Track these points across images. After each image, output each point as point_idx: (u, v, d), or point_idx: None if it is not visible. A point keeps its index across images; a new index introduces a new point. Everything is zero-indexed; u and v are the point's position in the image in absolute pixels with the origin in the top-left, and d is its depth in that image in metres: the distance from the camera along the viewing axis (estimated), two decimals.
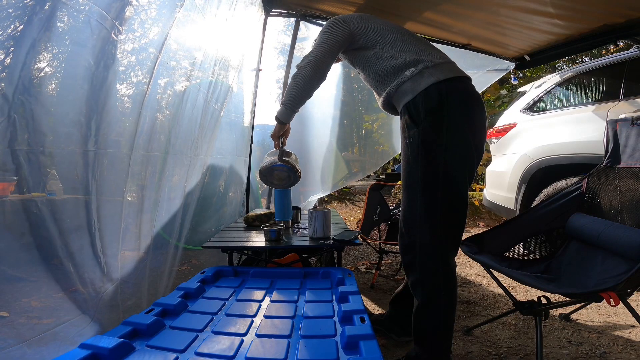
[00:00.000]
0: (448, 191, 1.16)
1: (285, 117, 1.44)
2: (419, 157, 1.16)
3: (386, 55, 1.26)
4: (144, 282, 1.23)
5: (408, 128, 1.19)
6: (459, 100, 1.17)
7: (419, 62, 1.20)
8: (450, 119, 1.15)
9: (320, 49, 1.30)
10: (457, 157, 1.17)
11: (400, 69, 1.22)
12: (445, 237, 1.18)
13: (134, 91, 1.15)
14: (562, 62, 7.76)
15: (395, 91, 1.23)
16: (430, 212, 1.16)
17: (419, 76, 1.18)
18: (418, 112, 1.17)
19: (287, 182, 1.67)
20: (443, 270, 1.18)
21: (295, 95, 1.35)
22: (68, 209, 0.89)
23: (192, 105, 1.52)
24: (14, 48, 0.73)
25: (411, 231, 1.19)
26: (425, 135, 1.15)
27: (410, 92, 1.18)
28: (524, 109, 2.92)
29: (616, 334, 1.55)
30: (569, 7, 1.82)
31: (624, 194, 1.50)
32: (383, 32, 1.30)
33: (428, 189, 1.16)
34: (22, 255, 0.78)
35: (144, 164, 1.21)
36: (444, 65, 1.22)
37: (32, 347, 0.74)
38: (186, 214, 1.60)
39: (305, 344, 0.81)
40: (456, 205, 1.19)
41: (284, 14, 2.41)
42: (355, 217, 5.04)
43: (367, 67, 1.33)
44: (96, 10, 0.88)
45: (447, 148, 1.14)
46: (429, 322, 1.19)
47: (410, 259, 1.21)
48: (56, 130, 0.87)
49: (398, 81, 1.21)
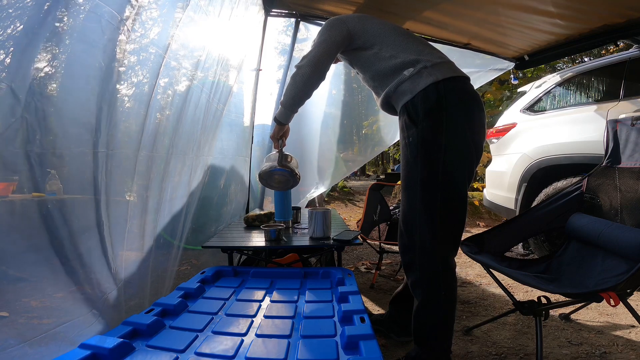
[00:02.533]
0: (447, 191, 1.16)
1: (284, 117, 1.43)
2: (418, 157, 1.16)
3: (384, 56, 1.25)
4: (147, 283, 1.23)
5: (407, 128, 1.19)
6: (457, 99, 1.17)
7: (418, 62, 1.20)
8: (449, 118, 1.14)
9: (319, 49, 1.29)
10: (457, 156, 1.17)
11: (399, 69, 1.22)
12: (445, 237, 1.18)
13: (140, 91, 1.15)
14: (562, 62, 7.75)
15: (394, 91, 1.23)
16: (430, 212, 1.16)
17: (418, 76, 1.18)
18: (417, 112, 1.16)
19: (287, 185, 1.66)
20: (443, 270, 1.17)
21: (294, 95, 1.34)
22: (77, 209, 0.90)
23: (195, 105, 1.52)
24: (25, 48, 0.73)
25: (411, 231, 1.19)
26: (424, 135, 1.15)
27: (409, 92, 1.18)
28: (524, 109, 2.92)
29: (616, 334, 1.55)
30: (569, 7, 1.82)
31: (624, 194, 1.50)
32: (381, 32, 1.29)
33: (427, 189, 1.16)
34: (23, 256, 0.78)
35: (149, 164, 1.21)
36: (442, 65, 1.21)
37: (33, 347, 0.74)
38: (188, 214, 1.61)
39: (305, 344, 0.81)
40: (456, 205, 1.19)
41: (284, 14, 2.41)
42: (355, 217, 5.04)
43: (366, 67, 1.33)
44: (107, 10, 0.89)
45: (446, 148, 1.14)
46: (429, 322, 1.19)
47: (410, 259, 1.21)
48: (66, 131, 0.87)
49: (397, 81, 1.21)
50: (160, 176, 1.32)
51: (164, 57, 1.19)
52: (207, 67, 1.59)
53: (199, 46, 1.48)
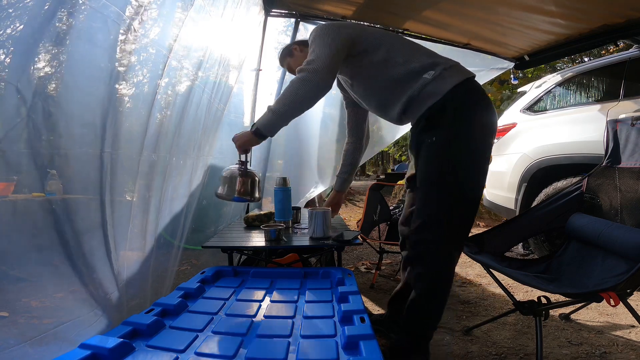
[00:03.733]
0: (465, 191, 1.18)
1: (269, 127, 1.23)
2: (441, 156, 1.17)
3: (398, 61, 1.24)
4: (148, 283, 1.23)
5: (432, 128, 1.19)
6: (477, 100, 1.20)
7: (436, 65, 1.21)
8: (474, 119, 1.17)
9: (327, 52, 1.18)
10: (478, 156, 1.19)
11: (419, 73, 1.21)
12: (455, 235, 1.21)
13: (143, 92, 1.15)
14: (562, 62, 7.75)
15: (418, 95, 1.21)
16: (445, 210, 1.17)
17: (440, 78, 1.18)
18: (445, 113, 1.16)
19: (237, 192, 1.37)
20: (447, 268, 1.21)
21: (293, 101, 1.19)
22: (81, 209, 0.90)
23: (196, 105, 1.52)
24: (30, 48, 0.73)
25: (423, 227, 1.20)
26: (450, 136, 1.16)
27: (435, 94, 1.18)
28: (524, 109, 2.91)
29: (616, 334, 1.55)
30: (569, 7, 1.82)
31: (624, 194, 1.50)
32: (384, 35, 1.30)
33: (446, 188, 1.17)
34: (24, 256, 0.78)
35: (151, 164, 1.21)
36: (458, 67, 1.25)
37: (33, 347, 0.74)
38: (188, 214, 1.61)
39: (305, 344, 0.81)
40: (471, 205, 1.21)
41: (284, 14, 2.41)
42: (356, 217, 5.04)
43: (376, 75, 1.27)
44: (113, 10, 0.89)
45: (468, 148, 1.16)
46: (422, 313, 1.22)
47: (417, 253, 1.23)
48: (71, 131, 0.88)
49: (420, 84, 1.20)
50: (162, 176, 1.32)
51: (168, 57, 1.19)
52: (208, 67, 1.59)
53: (201, 46, 1.49)
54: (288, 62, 1.54)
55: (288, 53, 1.53)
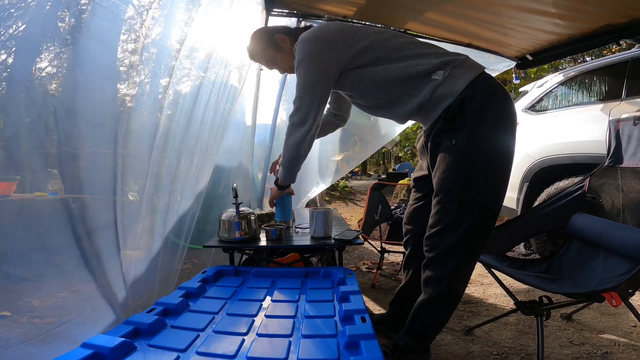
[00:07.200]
0: (489, 196, 1.12)
1: (286, 178, 1.41)
2: (463, 161, 1.09)
3: (401, 66, 1.16)
4: (154, 282, 1.24)
5: (450, 131, 1.11)
6: (494, 96, 1.12)
7: (445, 63, 1.12)
8: (494, 117, 1.10)
9: (314, 94, 1.17)
10: (502, 158, 1.13)
11: (427, 74, 1.13)
12: (474, 240, 1.14)
13: (153, 92, 1.16)
14: (564, 62, 7.72)
15: (430, 99, 1.12)
16: (466, 216, 1.10)
17: (451, 77, 1.11)
18: (463, 115, 1.09)
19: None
20: (463, 274, 1.17)
21: (296, 157, 1.30)
22: (89, 209, 0.90)
23: (204, 106, 1.53)
24: (39, 48, 0.73)
25: (442, 232, 1.14)
26: (471, 139, 1.08)
27: (449, 96, 1.10)
28: (525, 108, 2.91)
29: (618, 334, 1.55)
30: (571, 7, 1.82)
31: (626, 193, 1.50)
32: (376, 31, 1.22)
33: (470, 193, 1.10)
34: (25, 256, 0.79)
35: (160, 165, 1.22)
36: (468, 61, 1.15)
37: (36, 346, 0.74)
38: (194, 215, 1.61)
39: (306, 343, 0.81)
40: (493, 211, 1.14)
41: (285, 14, 2.40)
42: (357, 216, 5.04)
43: (378, 80, 1.18)
44: (123, 9, 0.89)
45: (493, 150, 1.09)
46: (430, 316, 1.21)
47: (434, 257, 1.16)
48: (83, 131, 0.88)
49: (430, 87, 1.12)
50: (170, 177, 1.32)
51: (177, 57, 1.20)
52: (215, 67, 1.60)
53: (209, 46, 1.49)
54: (272, 54, 1.36)
55: (271, 44, 1.34)
